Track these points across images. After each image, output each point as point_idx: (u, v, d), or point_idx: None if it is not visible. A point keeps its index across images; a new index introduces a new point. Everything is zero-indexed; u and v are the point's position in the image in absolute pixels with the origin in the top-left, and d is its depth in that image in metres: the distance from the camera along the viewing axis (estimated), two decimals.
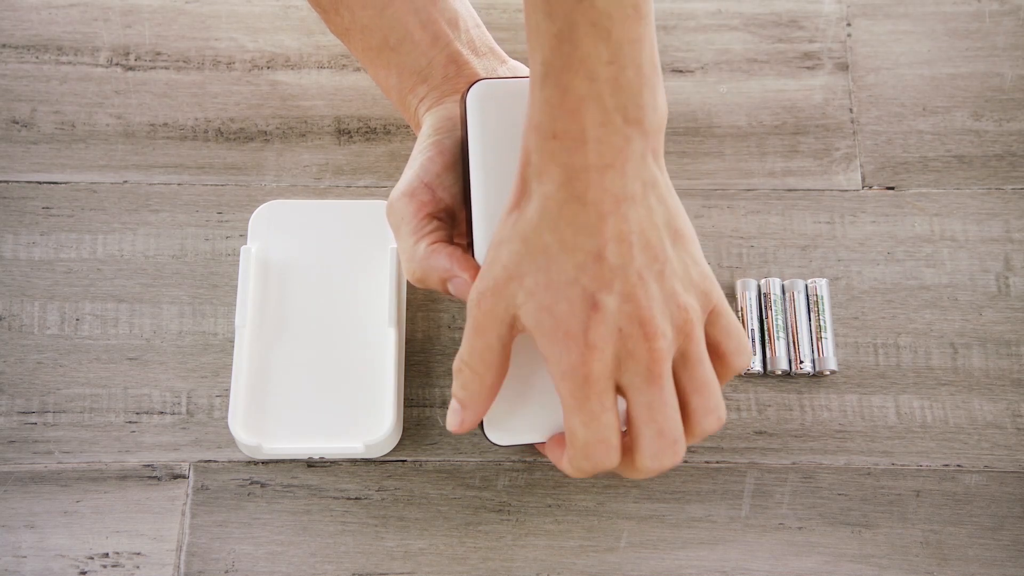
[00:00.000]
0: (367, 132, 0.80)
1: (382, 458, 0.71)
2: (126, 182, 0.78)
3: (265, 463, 0.71)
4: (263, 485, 0.70)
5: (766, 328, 0.74)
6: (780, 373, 0.73)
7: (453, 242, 0.66)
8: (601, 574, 0.69)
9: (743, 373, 0.72)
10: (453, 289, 0.64)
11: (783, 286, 0.75)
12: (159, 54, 0.82)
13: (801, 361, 0.73)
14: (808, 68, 0.82)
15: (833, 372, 0.73)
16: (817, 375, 0.74)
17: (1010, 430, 0.72)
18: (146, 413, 0.72)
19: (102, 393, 0.73)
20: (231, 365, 0.72)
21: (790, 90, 0.82)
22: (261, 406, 0.71)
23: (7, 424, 0.72)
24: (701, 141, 0.80)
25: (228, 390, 0.72)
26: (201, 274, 0.76)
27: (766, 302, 0.75)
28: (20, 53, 0.82)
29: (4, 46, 0.82)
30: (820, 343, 0.73)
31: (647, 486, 0.71)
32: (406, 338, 0.74)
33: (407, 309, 0.75)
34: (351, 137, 0.80)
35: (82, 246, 0.76)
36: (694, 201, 0.78)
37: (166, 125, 0.80)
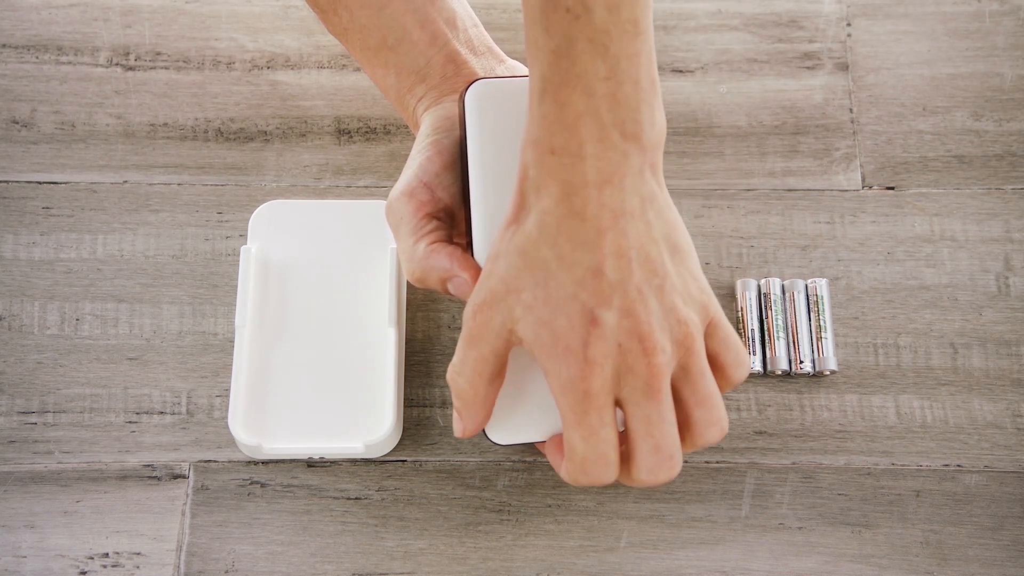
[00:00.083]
0: (367, 132, 0.80)
1: (382, 458, 0.71)
2: (126, 182, 0.78)
3: (265, 463, 0.71)
4: (263, 485, 0.70)
5: (766, 328, 0.74)
6: (780, 373, 0.73)
7: (452, 242, 0.66)
8: (601, 574, 0.69)
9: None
10: (453, 289, 0.64)
11: (783, 286, 0.75)
12: (159, 54, 0.82)
13: (801, 361, 0.73)
14: (808, 68, 0.82)
15: (833, 372, 0.73)
16: (817, 375, 0.73)
17: (1010, 430, 0.72)
18: (146, 413, 0.72)
19: (102, 393, 0.73)
20: (231, 365, 0.72)
21: (790, 90, 0.82)
22: (261, 406, 0.71)
23: (7, 424, 0.72)
24: (701, 141, 0.80)
25: (228, 390, 0.72)
26: (201, 274, 0.76)
27: (766, 302, 0.74)
28: (20, 53, 0.82)
29: (4, 46, 0.82)
30: (820, 343, 0.73)
31: None
32: (406, 338, 0.74)
33: (407, 309, 0.75)
34: (351, 137, 0.80)
35: (82, 246, 0.76)
36: (694, 201, 0.78)
37: (166, 125, 0.80)
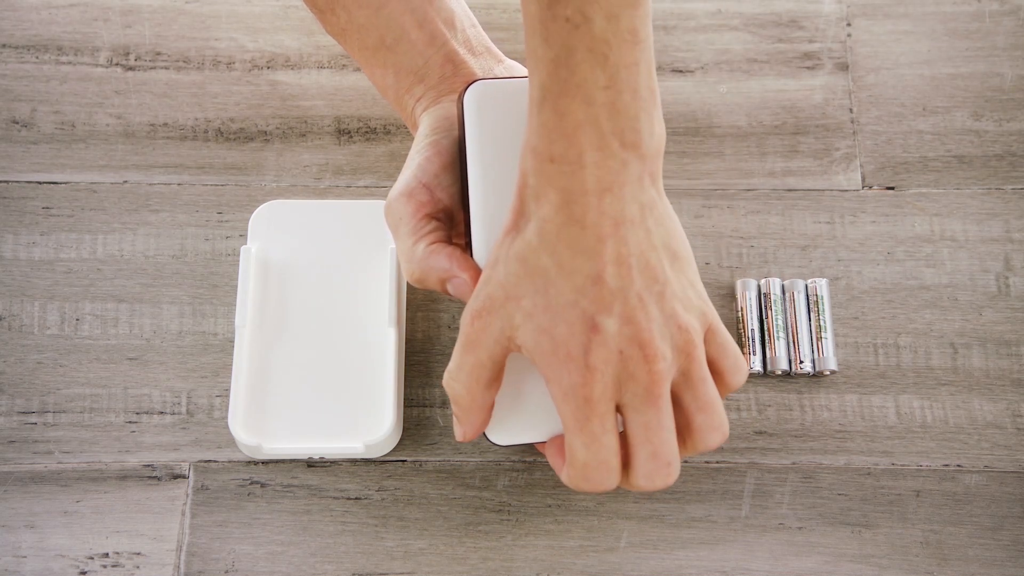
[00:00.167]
0: (367, 132, 0.80)
1: (382, 458, 0.71)
2: (126, 182, 0.78)
3: (265, 463, 0.71)
4: (263, 485, 0.70)
5: (766, 328, 0.74)
6: (780, 373, 0.73)
7: (452, 242, 0.66)
8: (601, 574, 0.69)
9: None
10: (452, 289, 0.64)
11: (783, 286, 0.75)
12: (159, 54, 0.82)
13: (801, 361, 0.73)
14: (808, 68, 0.82)
15: (833, 372, 0.73)
16: (817, 375, 0.73)
17: (1010, 430, 0.72)
18: (146, 413, 0.72)
19: (102, 393, 0.73)
20: (231, 365, 0.72)
21: (790, 90, 0.82)
22: (261, 406, 0.71)
23: (7, 424, 0.72)
24: (701, 141, 0.80)
25: (228, 390, 0.72)
26: (201, 274, 0.76)
27: (766, 302, 0.74)
28: (20, 53, 0.82)
29: (4, 46, 0.82)
30: (820, 343, 0.73)
31: None
32: (406, 338, 0.74)
33: (407, 309, 0.75)
34: (351, 137, 0.80)
35: (82, 246, 0.76)
36: (694, 201, 0.78)
37: (166, 125, 0.80)
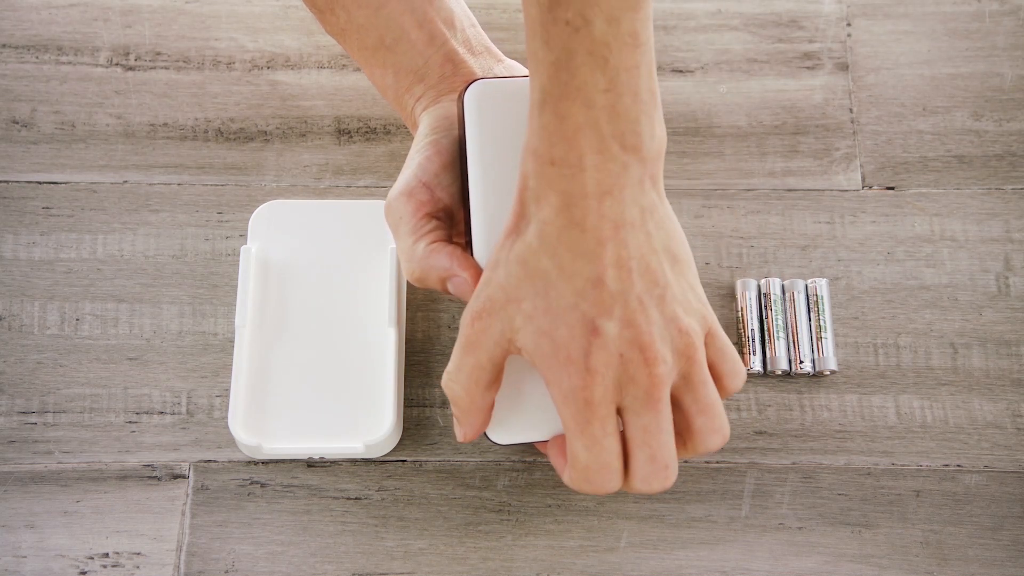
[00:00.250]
0: (367, 132, 0.80)
1: (382, 458, 0.71)
2: (126, 182, 0.78)
3: (265, 463, 0.71)
4: (263, 485, 0.70)
5: (766, 328, 0.74)
6: (780, 373, 0.73)
7: (452, 241, 0.66)
8: (601, 574, 0.69)
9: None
10: (453, 288, 0.64)
11: (783, 286, 0.75)
12: (159, 54, 0.82)
13: (801, 361, 0.73)
14: (808, 68, 0.82)
15: (833, 372, 0.73)
16: (817, 375, 0.73)
17: (1010, 430, 0.72)
18: (146, 413, 0.72)
19: (102, 393, 0.73)
20: (231, 365, 0.72)
21: (790, 90, 0.82)
22: (261, 406, 0.71)
23: (7, 424, 0.72)
24: (701, 141, 0.80)
25: (228, 390, 0.72)
26: (201, 274, 0.76)
27: (766, 302, 0.74)
28: (20, 53, 0.82)
29: (4, 46, 0.82)
30: (820, 343, 0.73)
31: None
32: (406, 338, 0.74)
33: (407, 309, 0.75)
34: (351, 137, 0.80)
35: (82, 246, 0.76)
36: (694, 201, 0.78)
37: (166, 125, 0.80)
